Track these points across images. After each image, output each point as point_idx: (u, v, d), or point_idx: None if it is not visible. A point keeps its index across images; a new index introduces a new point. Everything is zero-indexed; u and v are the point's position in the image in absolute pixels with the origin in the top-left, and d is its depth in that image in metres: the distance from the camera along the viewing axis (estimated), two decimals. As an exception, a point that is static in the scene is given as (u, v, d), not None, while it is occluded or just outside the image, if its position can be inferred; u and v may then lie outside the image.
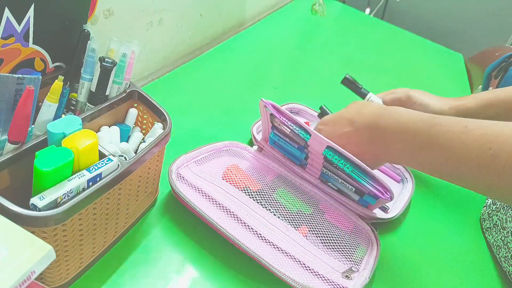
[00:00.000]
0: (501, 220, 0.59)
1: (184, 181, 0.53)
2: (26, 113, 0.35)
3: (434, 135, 0.45)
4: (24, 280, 0.24)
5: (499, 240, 0.59)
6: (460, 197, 0.70)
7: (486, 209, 0.65)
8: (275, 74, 0.92)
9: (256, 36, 1.05)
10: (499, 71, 0.84)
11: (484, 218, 0.65)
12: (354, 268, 0.49)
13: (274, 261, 0.46)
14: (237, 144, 0.63)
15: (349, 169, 0.52)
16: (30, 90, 0.33)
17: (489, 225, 0.63)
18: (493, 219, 0.62)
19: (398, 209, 0.60)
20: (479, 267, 0.58)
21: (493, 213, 0.62)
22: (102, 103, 0.45)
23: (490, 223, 0.62)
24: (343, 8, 1.44)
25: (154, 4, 0.71)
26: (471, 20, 1.85)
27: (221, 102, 0.77)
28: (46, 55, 0.45)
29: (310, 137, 0.54)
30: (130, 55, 0.46)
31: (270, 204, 0.54)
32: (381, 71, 1.08)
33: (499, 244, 0.59)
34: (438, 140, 0.44)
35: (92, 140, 0.36)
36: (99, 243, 0.43)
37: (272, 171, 0.61)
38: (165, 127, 0.47)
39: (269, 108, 0.56)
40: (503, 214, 0.59)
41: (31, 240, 0.26)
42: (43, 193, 0.33)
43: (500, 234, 0.59)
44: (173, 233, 0.50)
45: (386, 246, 0.57)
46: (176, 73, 0.81)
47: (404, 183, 0.68)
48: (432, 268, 0.56)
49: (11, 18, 0.38)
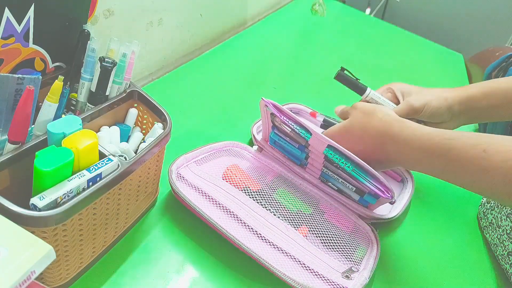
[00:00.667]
0: (496, 219, 0.59)
1: (184, 181, 0.53)
2: (26, 113, 0.35)
3: (452, 159, 0.44)
4: (24, 280, 0.24)
5: (495, 238, 0.59)
6: (460, 197, 0.70)
7: (481, 207, 0.65)
8: (275, 74, 0.92)
9: (256, 36, 1.05)
10: (499, 71, 0.84)
11: (481, 217, 0.65)
12: (354, 268, 0.49)
13: (274, 261, 0.46)
14: (237, 144, 0.63)
15: (350, 168, 0.52)
16: (30, 90, 0.33)
17: (486, 224, 0.63)
18: (488, 217, 0.62)
19: (398, 209, 0.60)
20: (478, 266, 0.58)
21: (488, 212, 0.63)
22: (102, 103, 0.45)
23: (486, 222, 0.63)
24: (343, 8, 1.44)
25: (154, 4, 0.71)
26: (471, 20, 1.85)
27: (221, 102, 0.77)
28: (46, 55, 0.45)
29: (311, 136, 0.54)
30: (130, 55, 0.46)
31: (270, 204, 0.54)
32: (381, 71, 1.08)
33: (496, 242, 0.59)
34: (458, 167, 0.44)
35: (92, 140, 0.36)
36: (99, 243, 0.43)
37: (272, 171, 0.61)
38: (165, 127, 0.47)
39: (270, 107, 0.56)
40: (498, 213, 0.59)
41: (31, 240, 0.26)
42: (43, 193, 0.33)
43: (496, 232, 0.59)
44: (173, 233, 0.50)
45: (386, 246, 0.57)
46: (176, 73, 0.81)
47: (405, 183, 0.68)
48: (432, 268, 0.56)
49: (11, 18, 0.38)
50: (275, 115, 0.56)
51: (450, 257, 0.59)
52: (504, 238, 0.56)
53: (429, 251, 0.59)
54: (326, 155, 0.53)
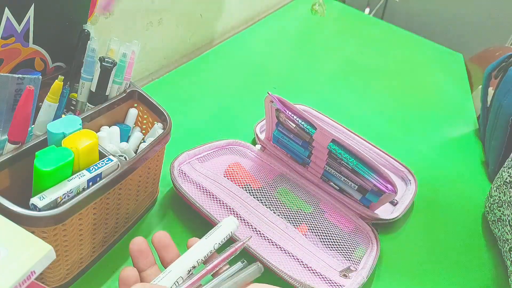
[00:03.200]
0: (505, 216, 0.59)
1: (186, 177, 0.54)
2: (26, 113, 0.34)
3: None
4: (24, 280, 0.24)
5: (504, 233, 0.58)
6: (464, 201, 0.70)
7: (487, 201, 0.65)
8: (275, 74, 0.92)
9: (256, 36, 1.05)
10: (499, 71, 0.84)
11: (487, 210, 0.65)
12: (352, 267, 0.49)
13: (272, 259, 0.46)
14: (239, 143, 0.63)
15: (354, 163, 0.52)
16: (30, 90, 0.33)
17: (494, 219, 0.62)
18: (495, 213, 0.62)
19: (401, 210, 0.60)
20: (479, 267, 0.58)
21: (495, 207, 0.62)
22: (102, 103, 0.45)
23: (494, 217, 0.62)
24: (343, 8, 1.44)
25: (154, 4, 0.71)
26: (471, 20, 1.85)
27: (221, 102, 0.77)
28: (46, 55, 0.45)
29: (315, 131, 0.54)
30: (130, 55, 0.46)
31: (271, 202, 0.54)
32: (381, 71, 1.08)
33: (504, 238, 0.58)
34: None
35: (92, 140, 0.36)
36: (99, 243, 0.43)
37: (274, 170, 0.61)
38: (165, 127, 0.47)
39: (276, 102, 0.56)
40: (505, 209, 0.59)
41: (31, 240, 0.26)
42: (43, 193, 0.33)
43: (503, 228, 0.58)
44: (173, 233, 0.50)
45: (387, 246, 0.57)
46: (176, 73, 0.81)
47: (408, 185, 0.68)
48: (432, 268, 0.56)
49: (11, 18, 0.38)
50: (280, 111, 0.57)
51: (452, 258, 0.59)
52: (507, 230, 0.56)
53: (430, 251, 0.59)
54: (330, 150, 0.53)
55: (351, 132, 0.73)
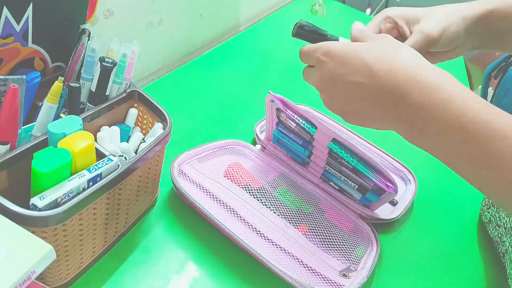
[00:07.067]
0: (495, 218, 0.59)
1: (186, 177, 0.54)
2: (12, 112, 0.34)
3: (496, 151, 0.33)
4: (24, 280, 0.24)
5: (496, 236, 0.59)
6: (463, 201, 0.70)
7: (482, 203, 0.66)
8: (275, 74, 0.92)
9: (256, 36, 1.05)
10: (499, 71, 0.84)
11: (481, 213, 0.65)
12: (352, 267, 0.49)
13: (273, 258, 0.46)
14: (239, 143, 0.63)
15: (354, 162, 0.52)
16: (14, 88, 0.32)
17: (486, 220, 0.62)
18: (486, 215, 0.62)
19: (400, 210, 0.60)
20: (478, 267, 0.58)
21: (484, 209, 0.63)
22: (102, 103, 0.45)
23: (485, 218, 0.63)
24: (343, 8, 1.44)
25: (154, 4, 0.71)
26: (471, 20, 1.85)
27: (221, 102, 0.77)
28: (46, 55, 0.44)
29: (316, 131, 0.54)
30: (130, 55, 0.46)
31: (271, 202, 0.54)
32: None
33: (497, 240, 0.59)
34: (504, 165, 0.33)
35: (88, 142, 0.36)
36: (99, 243, 0.43)
37: (274, 170, 0.61)
38: (165, 127, 0.47)
39: (276, 101, 0.56)
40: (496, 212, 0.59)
41: (31, 240, 0.26)
42: (43, 193, 0.33)
43: (496, 231, 0.59)
44: (173, 233, 0.50)
45: (387, 246, 0.57)
46: (176, 73, 0.81)
47: (407, 185, 0.68)
48: (431, 268, 0.56)
49: (10, 17, 0.38)
50: (281, 110, 0.57)
51: (451, 258, 0.59)
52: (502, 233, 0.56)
53: (429, 251, 0.59)
54: (330, 148, 0.53)
55: (351, 132, 0.73)
